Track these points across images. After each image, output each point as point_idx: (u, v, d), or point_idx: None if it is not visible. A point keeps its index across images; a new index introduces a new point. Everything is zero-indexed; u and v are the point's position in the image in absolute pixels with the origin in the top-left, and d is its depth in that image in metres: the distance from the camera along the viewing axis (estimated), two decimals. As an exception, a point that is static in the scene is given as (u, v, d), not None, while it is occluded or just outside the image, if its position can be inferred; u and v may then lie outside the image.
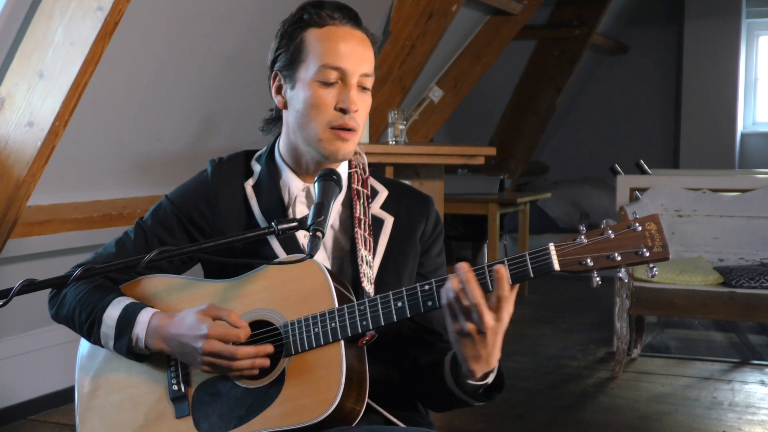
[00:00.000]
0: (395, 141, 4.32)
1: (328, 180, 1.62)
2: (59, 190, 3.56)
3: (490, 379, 1.59)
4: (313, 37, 1.67)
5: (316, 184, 1.63)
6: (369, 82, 1.70)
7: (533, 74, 7.84)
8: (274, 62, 1.73)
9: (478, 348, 1.50)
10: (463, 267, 1.48)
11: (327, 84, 1.66)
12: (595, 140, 8.97)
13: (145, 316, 1.64)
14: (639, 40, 8.79)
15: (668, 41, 8.73)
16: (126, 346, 1.64)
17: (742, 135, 8.52)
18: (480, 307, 1.46)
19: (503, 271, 1.46)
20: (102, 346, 1.69)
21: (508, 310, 1.48)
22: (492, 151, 4.22)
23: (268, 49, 1.76)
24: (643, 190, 4.83)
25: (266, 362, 1.59)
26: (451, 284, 1.48)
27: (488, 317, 1.46)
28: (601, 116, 8.99)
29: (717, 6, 8.18)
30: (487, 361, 1.53)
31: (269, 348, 1.59)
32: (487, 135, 8.07)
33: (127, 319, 1.64)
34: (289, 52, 1.69)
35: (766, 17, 8.48)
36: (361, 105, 1.68)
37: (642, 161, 5.41)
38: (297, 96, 1.69)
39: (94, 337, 1.68)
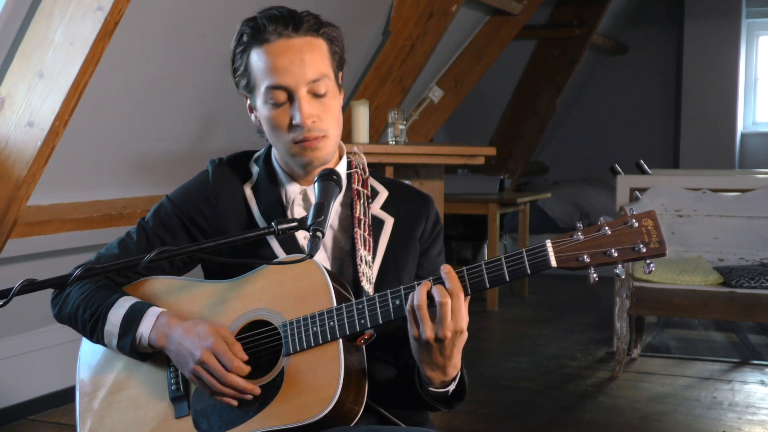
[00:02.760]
0: (395, 141, 4.32)
1: (328, 180, 1.62)
2: (59, 190, 3.56)
3: (450, 388, 1.61)
4: (254, 58, 1.66)
5: (316, 184, 1.63)
6: (323, 87, 1.65)
7: (533, 74, 7.84)
8: (237, 86, 1.74)
9: (434, 356, 1.53)
10: (445, 268, 1.51)
11: (278, 105, 1.65)
12: (595, 140, 8.97)
13: (152, 315, 1.65)
14: (639, 40, 8.79)
15: (668, 41, 8.73)
16: (129, 344, 1.64)
17: (742, 135, 8.52)
18: (444, 308, 1.48)
19: (453, 274, 1.50)
20: (104, 345, 1.69)
21: (465, 318, 1.50)
22: (492, 151, 4.22)
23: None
24: (643, 190, 4.83)
25: (249, 397, 1.59)
26: (418, 289, 1.50)
27: (447, 325, 1.48)
28: (601, 116, 8.99)
29: (717, 6, 8.18)
30: (444, 370, 1.55)
31: (257, 390, 1.59)
32: (487, 135, 8.07)
33: (132, 317, 1.65)
34: (242, 76, 1.70)
35: (766, 17, 8.47)
36: (319, 111, 1.65)
37: (642, 161, 5.42)
38: (261, 116, 1.70)
39: (96, 336, 1.68)
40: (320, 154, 1.68)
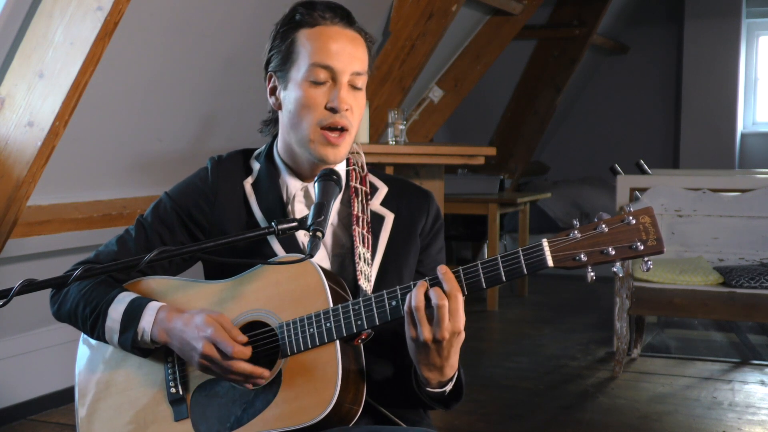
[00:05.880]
0: (395, 141, 4.32)
1: (328, 180, 1.62)
2: (59, 190, 3.56)
3: (447, 388, 1.60)
4: (304, 37, 1.67)
5: (316, 184, 1.63)
6: (361, 81, 1.69)
7: (533, 74, 7.84)
8: (267, 63, 1.74)
9: (432, 357, 1.52)
10: (442, 269, 1.50)
11: (317, 83, 1.65)
12: (595, 140, 8.96)
13: (152, 310, 1.64)
14: (639, 40, 8.79)
15: (668, 41, 8.72)
16: (131, 339, 1.64)
17: (742, 135, 8.51)
18: (441, 310, 1.47)
19: (450, 275, 1.49)
20: (105, 342, 1.69)
21: (462, 319, 1.49)
22: (492, 151, 4.22)
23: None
24: (643, 190, 4.83)
25: (261, 381, 1.59)
26: (415, 290, 1.50)
27: (445, 326, 1.48)
28: (601, 116, 8.99)
29: (717, 6, 8.18)
30: (442, 371, 1.55)
31: (266, 373, 1.58)
32: (487, 135, 8.07)
33: (133, 313, 1.64)
34: (281, 53, 1.70)
35: (766, 17, 8.47)
36: (353, 104, 1.67)
37: (642, 161, 5.41)
38: (289, 96, 1.69)
39: (97, 332, 1.68)
40: (340, 152, 1.68)
